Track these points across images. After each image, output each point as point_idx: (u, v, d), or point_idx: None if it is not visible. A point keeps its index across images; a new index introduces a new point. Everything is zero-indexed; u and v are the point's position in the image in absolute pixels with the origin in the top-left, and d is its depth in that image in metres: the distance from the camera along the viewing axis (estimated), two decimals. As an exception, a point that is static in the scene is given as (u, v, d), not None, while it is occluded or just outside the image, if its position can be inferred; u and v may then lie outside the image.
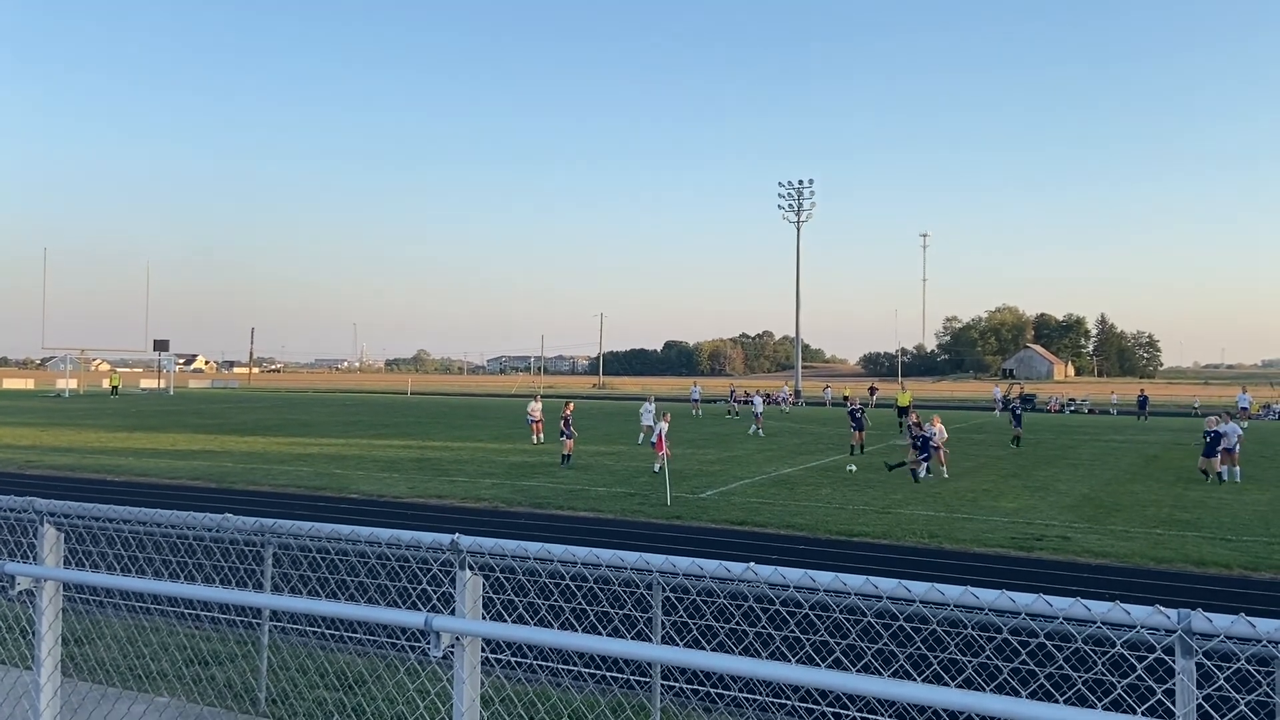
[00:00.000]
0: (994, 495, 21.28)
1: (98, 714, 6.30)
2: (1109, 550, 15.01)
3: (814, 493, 21.26)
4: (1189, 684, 2.71)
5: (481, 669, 3.92)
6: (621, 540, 15.24)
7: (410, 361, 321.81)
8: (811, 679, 2.97)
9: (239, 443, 33.53)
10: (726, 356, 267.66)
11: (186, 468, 25.27)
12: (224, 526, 4.68)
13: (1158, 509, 19.48)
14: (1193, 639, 2.69)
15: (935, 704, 2.76)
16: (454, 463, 26.91)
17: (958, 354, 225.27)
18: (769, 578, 3.26)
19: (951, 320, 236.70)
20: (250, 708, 7.09)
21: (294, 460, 27.42)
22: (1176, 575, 13.39)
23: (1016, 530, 16.63)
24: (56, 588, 4.98)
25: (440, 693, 6.71)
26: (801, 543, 15.48)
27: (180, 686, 7.42)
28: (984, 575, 13.04)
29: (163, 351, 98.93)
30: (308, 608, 4.06)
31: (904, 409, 38.65)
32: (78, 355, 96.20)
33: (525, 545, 3.75)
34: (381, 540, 4.08)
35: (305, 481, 22.48)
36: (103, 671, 7.51)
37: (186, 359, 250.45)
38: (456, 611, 3.80)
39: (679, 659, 3.35)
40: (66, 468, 25.14)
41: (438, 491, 20.88)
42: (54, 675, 4.97)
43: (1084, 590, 12.03)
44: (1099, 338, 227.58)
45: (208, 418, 49.69)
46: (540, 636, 3.65)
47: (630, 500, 19.73)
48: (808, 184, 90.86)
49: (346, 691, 7.45)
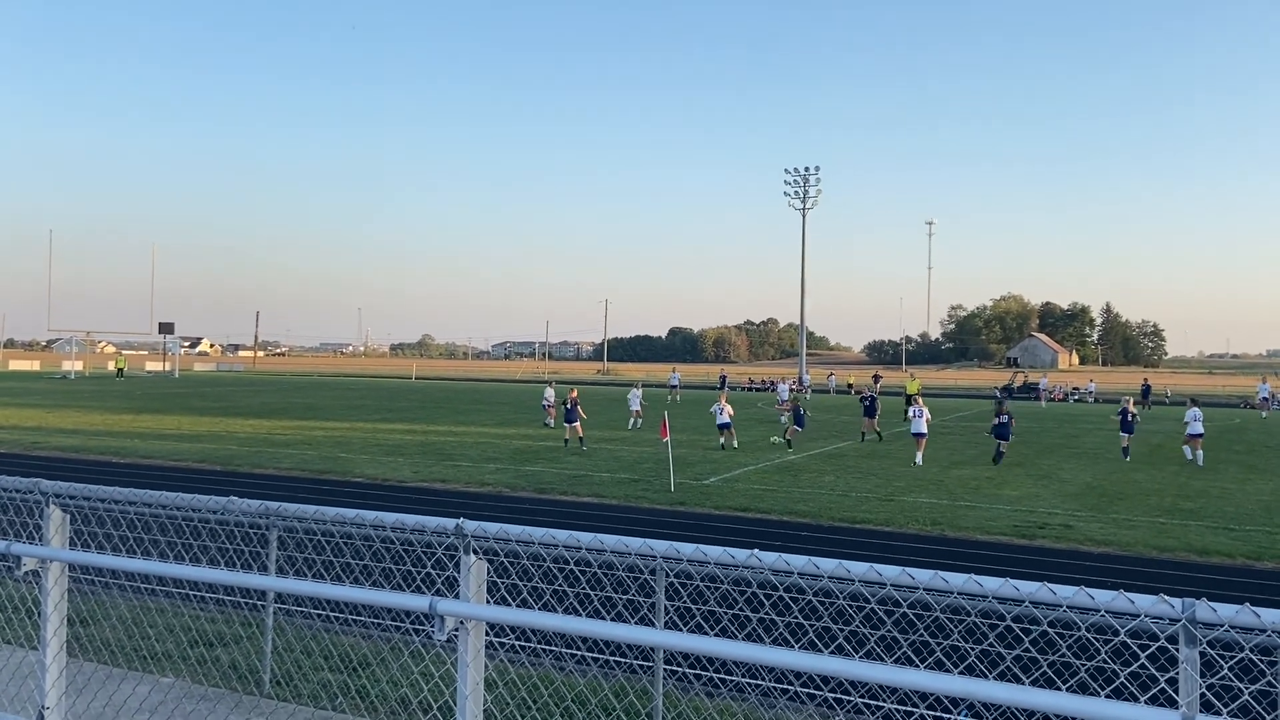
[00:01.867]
0: (997, 483, 21.29)
1: (103, 694, 6.33)
2: (1112, 539, 15.01)
3: (818, 480, 21.28)
4: (1192, 673, 2.71)
5: (485, 653, 3.93)
6: (625, 526, 15.28)
7: (415, 346, 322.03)
8: (814, 665, 2.98)
9: (244, 426, 33.62)
10: (731, 343, 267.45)
11: (192, 450, 25.35)
12: (229, 509, 4.70)
13: (1161, 498, 19.48)
14: (1197, 628, 2.70)
15: (937, 691, 2.77)
16: (458, 447, 26.97)
17: (962, 342, 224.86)
18: (773, 564, 3.27)
19: (956, 308, 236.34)
20: (255, 689, 7.13)
21: (298, 444, 27.49)
22: (1179, 564, 13.40)
23: (1019, 518, 16.64)
24: (62, 569, 5.00)
25: (444, 676, 6.75)
26: (805, 529, 15.50)
27: (185, 667, 7.46)
28: (987, 563, 13.06)
29: (168, 334, 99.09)
30: (314, 591, 4.08)
31: (911, 396, 38.74)
32: (83, 337, 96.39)
33: (529, 530, 3.76)
34: (386, 524, 4.10)
35: (309, 465, 22.54)
36: (108, 652, 7.55)
37: (191, 342, 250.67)
38: (461, 596, 3.81)
39: (681, 644, 3.36)
40: (72, 449, 25.23)
41: (441, 476, 20.93)
42: (59, 655, 5.00)
43: (1086, 579, 12.05)
44: (1104, 327, 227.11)
45: (212, 401, 49.81)
46: (544, 621, 3.66)
47: (634, 486, 19.77)
48: (814, 171, 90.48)
49: (351, 674, 7.49)
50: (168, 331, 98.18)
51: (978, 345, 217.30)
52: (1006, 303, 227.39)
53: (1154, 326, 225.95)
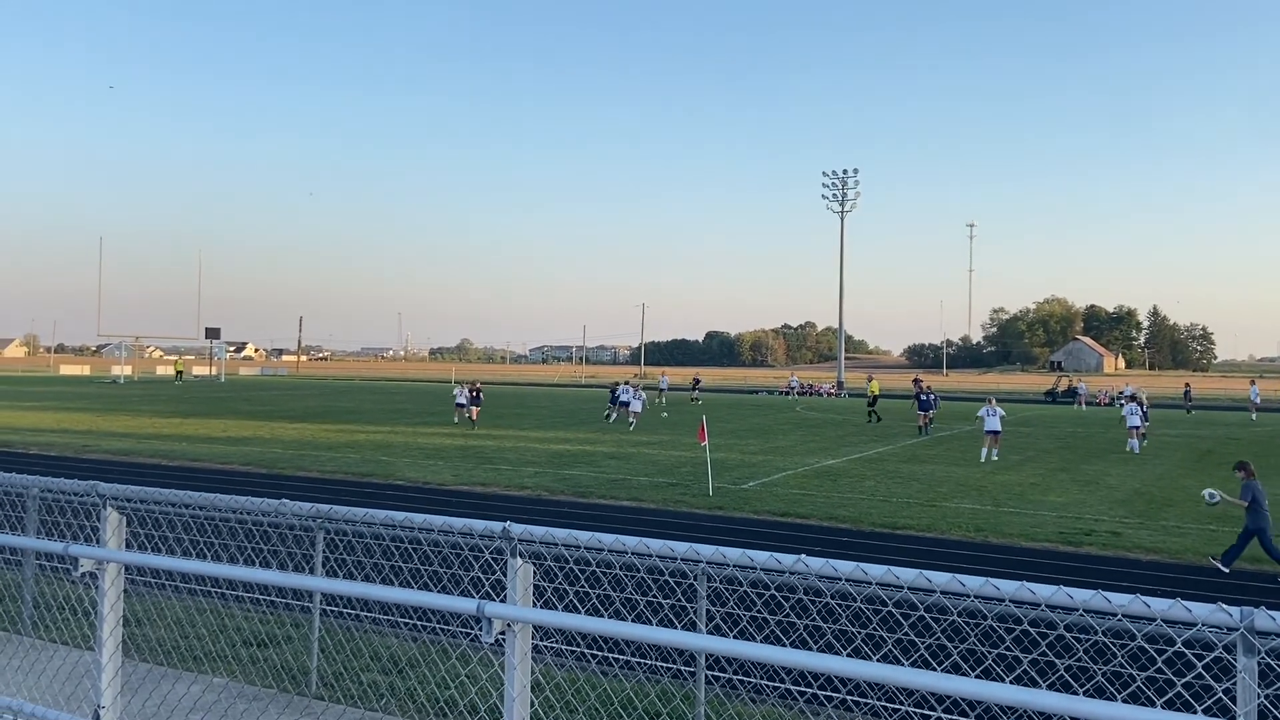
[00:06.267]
0: (1041, 489, 20.99)
1: (156, 694, 6.46)
2: (1161, 546, 14.74)
3: (858, 485, 21.12)
4: (1251, 682, 2.66)
5: (531, 655, 3.96)
6: (664, 530, 15.28)
7: (454, 350, 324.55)
8: (860, 671, 2.97)
9: (288, 429, 34.09)
10: (768, 347, 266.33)
11: (238, 453, 25.76)
12: (281, 511, 4.78)
13: (1212, 505, 19.04)
14: (1255, 637, 2.65)
15: (992, 700, 2.75)
16: (497, 451, 27.15)
17: (1004, 346, 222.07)
18: (820, 570, 3.26)
19: (998, 312, 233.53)
20: (304, 689, 7.23)
21: (341, 447, 27.83)
22: (1232, 573, 13.11)
23: (1065, 525, 16.40)
24: (119, 570, 5.11)
25: (491, 678, 6.80)
26: (845, 535, 15.40)
27: (236, 667, 7.59)
28: (1032, 570, 12.88)
29: (214, 339, 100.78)
30: (363, 592, 4.13)
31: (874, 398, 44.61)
32: (132, 342, 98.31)
33: (576, 534, 3.79)
34: (435, 526, 4.14)
35: (353, 468, 22.82)
36: (160, 652, 7.71)
37: (237, 346, 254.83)
38: (508, 598, 3.84)
39: (723, 649, 3.36)
40: (122, 452, 25.75)
41: (482, 479, 21.08)
42: (115, 655, 5.11)
43: (1135, 586, 11.84)
44: (1150, 330, 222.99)
45: (258, 404, 50.57)
46: (589, 624, 3.68)
47: (672, 490, 19.76)
48: (852, 174, 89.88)
49: (398, 675, 7.57)
50: (214, 336, 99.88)
51: (1020, 349, 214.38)
52: (1050, 305, 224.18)
53: (1203, 330, 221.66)
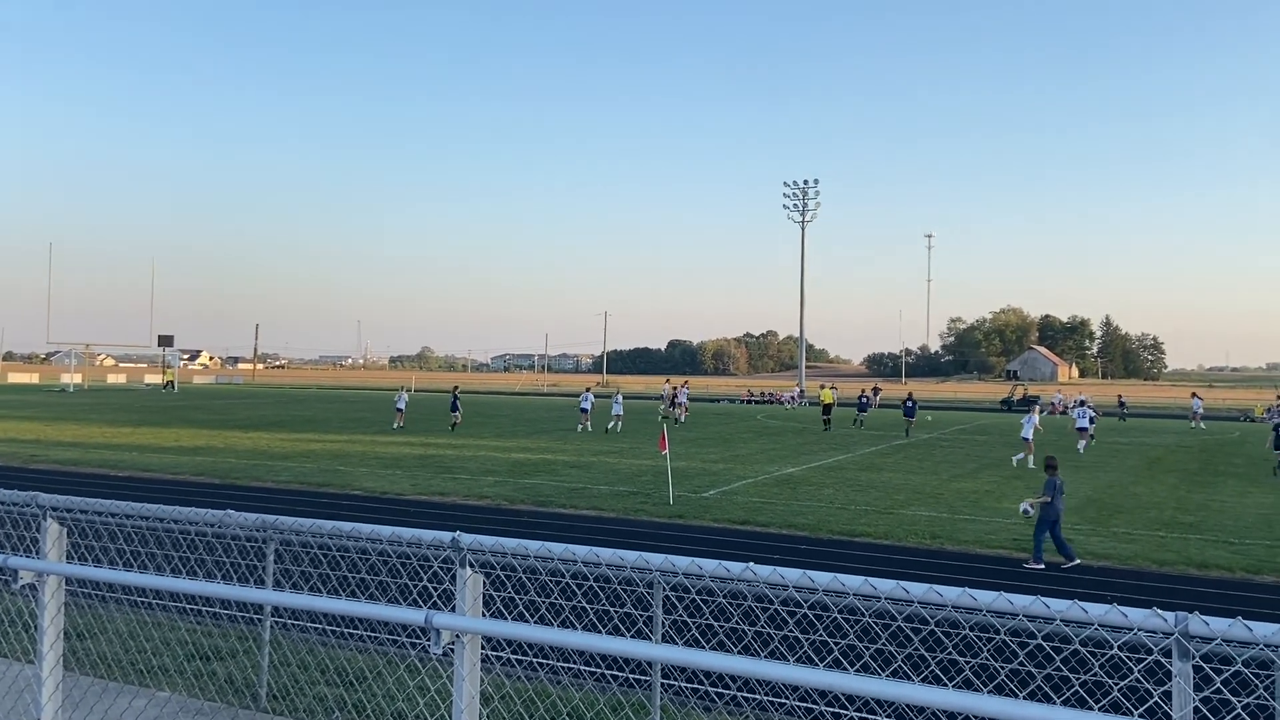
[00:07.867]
0: (996, 496, 21.26)
1: (99, 708, 6.32)
2: (1111, 552, 14.99)
3: (816, 493, 21.25)
4: (1185, 686, 2.71)
5: (481, 666, 3.93)
6: (623, 539, 15.25)
7: (414, 359, 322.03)
8: (809, 679, 2.98)
9: (242, 439, 33.58)
10: (730, 356, 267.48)
11: (190, 463, 25.31)
12: (226, 522, 4.70)
13: (1160, 511, 19.45)
14: (1190, 642, 2.70)
15: (932, 704, 2.77)
16: (456, 460, 26.95)
17: (962, 355, 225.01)
18: (767, 578, 3.27)
19: (956, 321, 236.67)
20: (251, 703, 7.11)
21: (297, 457, 27.46)
22: (1179, 578, 13.37)
23: (1019, 531, 16.61)
24: (59, 582, 4.99)
25: (440, 689, 6.73)
26: (803, 543, 15.48)
27: (182, 681, 7.44)
28: (985, 577, 13.04)
29: (167, 347, 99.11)
30: (310, 604, 4.07)
31: (828, 405, 45.64)
32: (83, 350, 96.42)
33: (525, 543, 3.77)
34: (382, 538, 4.10)
35: (308, 478, 22.52)
36: (104, 666, 7.54)
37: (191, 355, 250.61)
38: (457, 609, 3.81)
39: (678, 658, 3.35)
40: (70, 462, 25.20)
41: (440, 489, 20.91)
42: (56, 669, 4.99)
43: (1086, 593, 12.02)
44: (1103, 340, 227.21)
45: (211, 413, 49.76)
46: (540, 634, 3.66)
47: (632, 499, 19.74)
48: (813, 184, 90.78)
49: (347, 688, 7.47)
50: (167, 344, 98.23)
51: (977, 358, 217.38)
52: (1006, 315, 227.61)
53: (1154, 340, 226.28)
